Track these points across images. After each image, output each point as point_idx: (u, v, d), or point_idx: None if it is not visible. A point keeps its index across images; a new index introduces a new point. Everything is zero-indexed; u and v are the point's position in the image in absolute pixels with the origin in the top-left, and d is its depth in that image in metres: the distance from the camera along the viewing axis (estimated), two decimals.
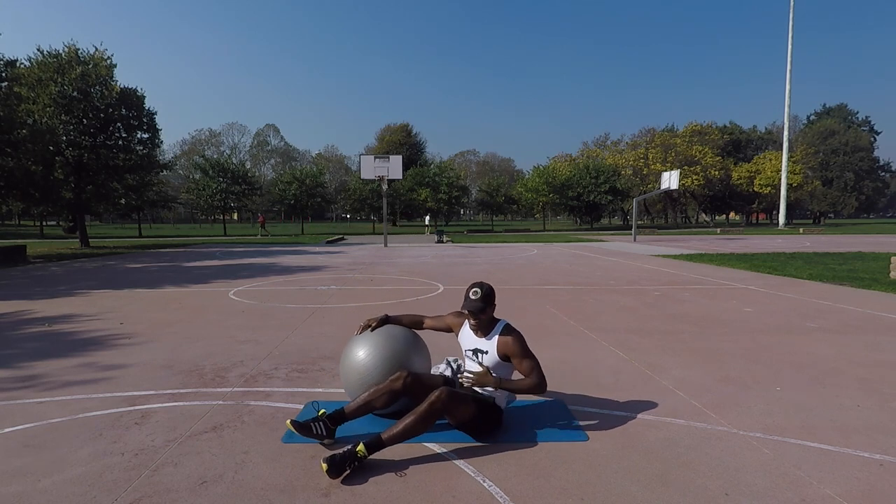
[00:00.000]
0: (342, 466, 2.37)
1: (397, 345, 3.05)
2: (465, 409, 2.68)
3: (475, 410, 2.71)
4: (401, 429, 2.52)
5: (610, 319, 5.89)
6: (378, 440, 2.50)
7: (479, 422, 2.72)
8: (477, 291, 2.81)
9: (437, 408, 2.57)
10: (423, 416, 2.54)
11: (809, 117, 68.57)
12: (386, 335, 3.09)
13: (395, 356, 2.99)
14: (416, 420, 2.53)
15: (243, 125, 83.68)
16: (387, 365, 2.95)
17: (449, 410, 2.64)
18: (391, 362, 2.96)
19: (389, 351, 3.01)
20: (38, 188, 17.56)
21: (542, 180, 43.58)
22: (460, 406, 2.66)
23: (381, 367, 2.95)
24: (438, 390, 2.61)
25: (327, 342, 4.89)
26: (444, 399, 2.58)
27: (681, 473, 2.39)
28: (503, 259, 14.18)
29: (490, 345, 2.83)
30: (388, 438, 2.51)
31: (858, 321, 5.70)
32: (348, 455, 2.40)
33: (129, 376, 3.88)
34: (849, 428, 2.88)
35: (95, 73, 19.37)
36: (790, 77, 42.27)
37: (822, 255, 14.09)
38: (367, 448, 2.45)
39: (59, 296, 7.94)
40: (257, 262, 13.59)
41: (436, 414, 2.58)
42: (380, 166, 20.23)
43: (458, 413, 2.67)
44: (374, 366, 2.96)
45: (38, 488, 2.28)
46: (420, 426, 2.54)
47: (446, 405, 2.59)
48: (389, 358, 2.98)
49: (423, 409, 2.55)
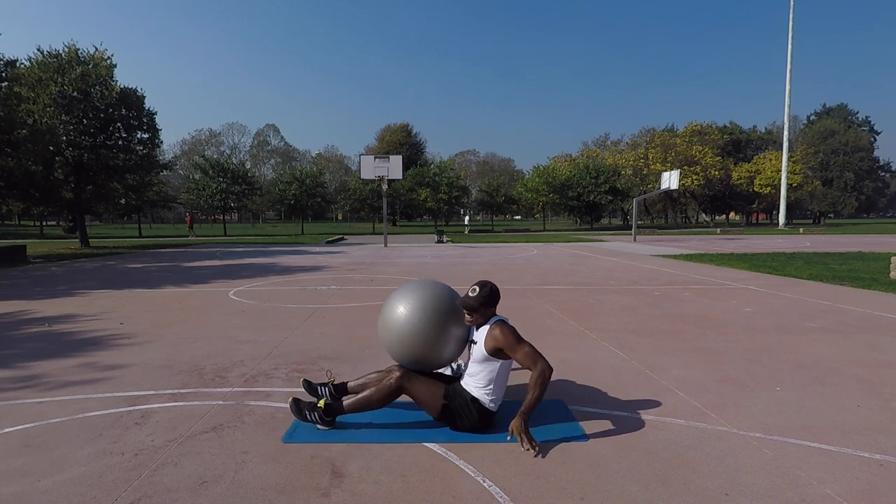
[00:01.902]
0: (302, 412, 2.84)
1: (440, 303, 2.95)
2: (427, 393, 2.81)
3: (441, 399, 2.81)
4: (359, 399, 2.83)
5: (610, 319, 5.89)
6: (339, 404, 2.84)
7: (452, 413, 2.80)
8: (475, 289, 2.86)
9: (391, 385, 2.80)
10: (380, 391, 2.81)
11: (809, 117, 68.55)
12: (431, 291, 2.99)
13: (438, 313, 2.90)
14: (371, 394, 2.82)
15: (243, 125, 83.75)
16: (429, 322, 2.87)
17: (408, 390, 2.82)
18: (434, 319, 2.88)
19: (433, 306, 2.91)
20: (38, 188, 17.56)
21: (542, 180, 43.58)
22: (419, 386, 2.81)
23: (422, 325, 2.86)
24: (397, 369, 2.88)
25: (327, 342, 4.89)
26: (398, 377, 2.81)
27: (681, 473, 2.39)
28: (503, 259, 14.18)
29: (479, 335, 2.86)
30: (347, 405, 2.84)
31: (858, 321, 5.70)
32: (311, 406, 2.85)
33: (129, 376, 3.88)
34: (849, 428, 2.88)
35: (95, 73, 19.36)
36: (790, 77, 42.29)
37: (822, 255, 14.09)
38: (327, 407, 2.81)
39: (59, 296, 7.94)
40: (257, 262, 13.59)
41: (391, 391, 2.80)
42: (380, 166, 20.23)
43: (420, 396, 2.82)
44: (415, 322, 2.87)
45: (38, 488, 2.28)
46: (375, 401, 2.81)
47: (401, 382, 2.80)
48: (432, 313, 2.89)
49: (381, 386, 2.82)
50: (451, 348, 2.96)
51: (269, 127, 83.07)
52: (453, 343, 2.96)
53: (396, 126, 69.90)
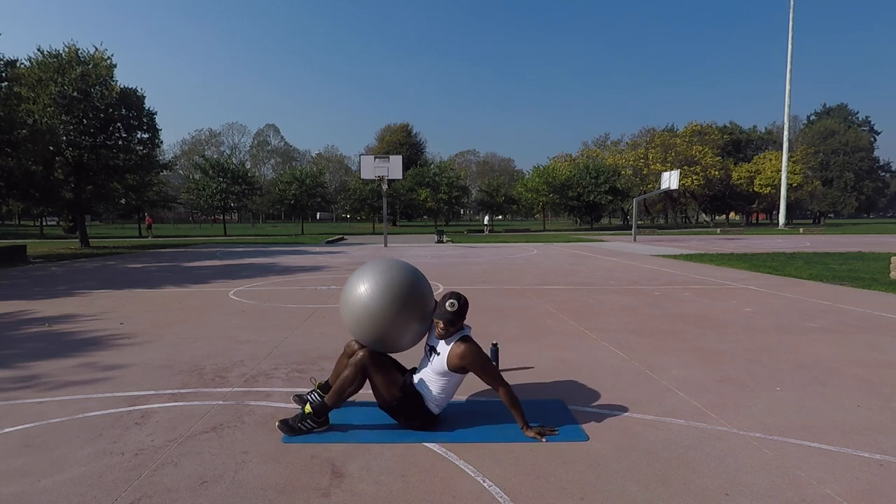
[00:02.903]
0: (294, 428, 2.77)
1: (402, 275, 2.91)
2: (386, 383, 2.82)
3: (398, 392, 2.83)
4: (335, 389, 2.82)
5: (610, 319, 5.89)
6: (322, 403, 2.82)
7: (402, 408, 2.84)
8: (454, 304, 2.84)
9: (360, 364, 2.81)
10: (349, 374, 2.81)
11: (809, 117, 68.51)
12: (387, 266, 2.96)
13: (403, 286, 2.86)
14: (344, 377, 2.81)
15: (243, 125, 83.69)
16: (391, 296, 2.82)
17: (371, 374, 2.82)
18: (396, 292, 2.84)
19: (394, 280, 2.86)
20: (38, 188, 17.56)
21: (542, 180, 43.56)
22: (382, 372, 2.83)
23: (385, 299, 2.81)
24: (360, 348, 2.94)
25: (327, 342, 4.89)
26: (366, 357, 2.82)
27: (681, 473, 2.39)
28: (503, 259, 14.18)
29: (444, 348, 2.86)
30: (329, 400, 2.82)
31: (858, 321, 5.70)
32: (298, 417, 2.80)
33: (129, 376, 3.88)
34: (849, 428, 2.88)
35: (95, 73, 19.36)
36: (790, 77, 42.28)
37: (822, 255, 14.09)
38: (314, 409, 2.79)
39: (59, 296, 7.94)
40: (257, 262, 13.59)
41: (360, 370, 2.80)
42: (380, 166, 20.24)
43: (379, 383, 2.82)
44: (376, 299, 2.82)
45: (38, 488, 2.28)
46: (349, 382, 2.80)
47: (367, 363, 2.81)
48: (393, 287, 2.84)
49: (349, 369, 2.82)
50: (409, 339, 2.98)
51: (269, 127, 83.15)
52: (412, 335, 2.97)
53: (396, 126, 69.87)
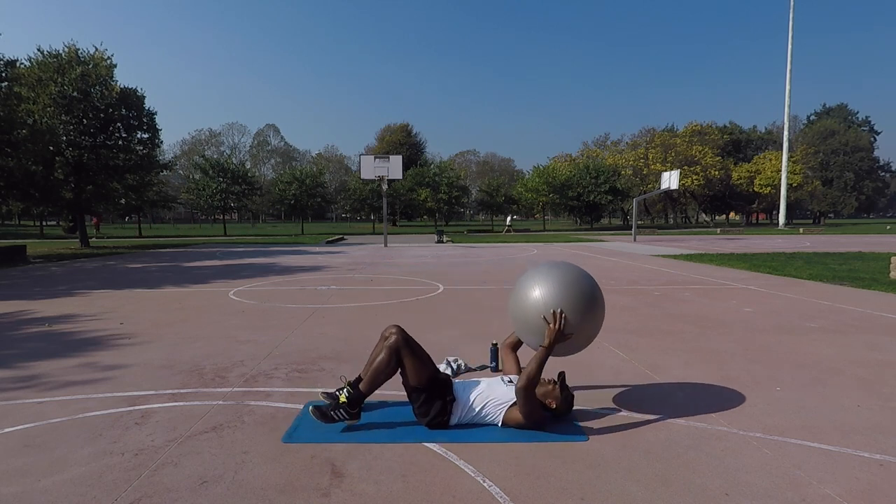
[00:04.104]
0: (327, 415, 2.76)
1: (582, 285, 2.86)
2: (416, 367, 2.80)
3: (426, 381, 2.80)
4: (369, 375, 2.81)
5: (610, 319, 5.84)
6: (359, 391, 2.81)
7: (427, 394, 2.80)
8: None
9: (395, 346, 2.78)
10: (384, 357, 2.78)
11: (809, 117, 68.52)
12: (566, 272, 2.90)
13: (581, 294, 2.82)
14: (378, 363, 2.80)
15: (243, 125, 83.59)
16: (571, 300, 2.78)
17: (404, 355, 2.79)
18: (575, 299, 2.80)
19: (575, 290, 2.83)
20: (38, 188, 17.56)
21: (542, 180, 43.57)
22: (414, 356, 2.81)
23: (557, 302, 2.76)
24: (396, 332, 2.85)
25: (327, 342, 4.89)
26: (399, 339, 2.80)
27: (681, 473, 2.39)
28: (504, 259, 14.18)
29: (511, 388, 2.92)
30: (363, 387, 2.82)
31: (858, 321, 5.70)
32: (333, 405, 2.79)
33: (129, 376, 3.88)
34: (849, 428, 2.88)
35: (95, 73, 19.35)
36: (790, 77, 42.31)
37: (822, 255, 14.09)
38: (349, 399, 2.78)
39: (59, 296, 7.94)
40: (257, 262, 13.59)
41: (394, 352, 2.78)
42: (380, 166, 20.24)
43: (411, 365, 2.80)
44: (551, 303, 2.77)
45: (38, 488, 2.28)
46: (383, 367, 2.79)
47: (401, 345, 2.79)
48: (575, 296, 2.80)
49: (384, 352, 2.80)
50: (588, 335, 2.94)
51: (269, 127, 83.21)
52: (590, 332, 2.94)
53: (396, 126, 69.88)
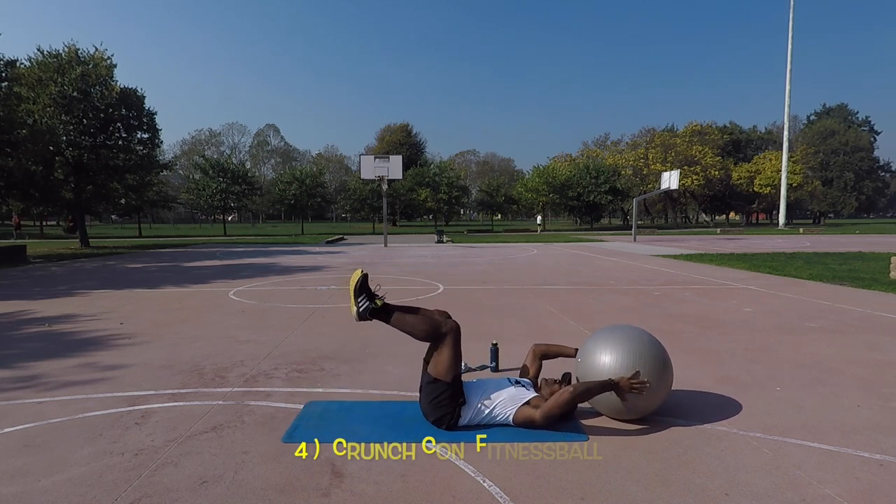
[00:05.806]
0: (365, 317, 2.88)
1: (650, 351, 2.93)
2: (450, 360, 2.82)
3: (450, 378, 2.81)
4: (409, 314, 2.89)
5: (610, 319, 5.88)
6: (390, 306, 2.92)
7: (444, 390, 2.82)
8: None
9: (450, 327, 2.83)
10: (430, 320, 2.85)
11: (809, 117, 68.46)
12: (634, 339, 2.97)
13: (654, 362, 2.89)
14: (422, 316, 2.89)
15: (243, 125, 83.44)
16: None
17: (446, 343, 2.82)
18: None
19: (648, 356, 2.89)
20: (38, 188, 17.57)
21: (541, 180, 43.56)
22: (454, 351, 2.82)
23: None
24: (455, 322, 2.90)
25: (327, 342, 4.89)
26: (456, 323, 2.86)
27: (681, 473, 2.39)
28: (503, 259, 14.18)
29: (530, 393, 2.98)
30: (397, 310, 2.91)
31: (858, 321, 5.70)
32: (370, 308, 2.90)
33: (129, 376, 3.88)
34: (849, 428, 2.88)
35: (95, 73, 19.34)
36: (790, 77, 42.28)
37: (822, 255, 14.09)
38: (385, 305, 2.90)
39: (59, 296, 7.94)
40: (257, 262, 13.59)
41: (436, 324, 2.84)
42: (380, 166, 20.24)
43: (447, 354, 2.82)
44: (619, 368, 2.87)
45: (38, 488, 2.28)
46: (420, 324, 2.85)
47: (453, 331, 2.83)
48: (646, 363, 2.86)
49: (433, 318, 2.88)
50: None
51: (269, 127, 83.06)
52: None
53: (396, 126, 69.85)
